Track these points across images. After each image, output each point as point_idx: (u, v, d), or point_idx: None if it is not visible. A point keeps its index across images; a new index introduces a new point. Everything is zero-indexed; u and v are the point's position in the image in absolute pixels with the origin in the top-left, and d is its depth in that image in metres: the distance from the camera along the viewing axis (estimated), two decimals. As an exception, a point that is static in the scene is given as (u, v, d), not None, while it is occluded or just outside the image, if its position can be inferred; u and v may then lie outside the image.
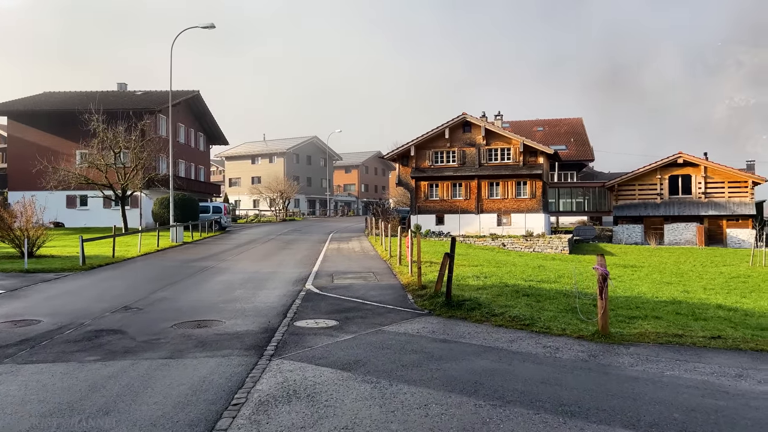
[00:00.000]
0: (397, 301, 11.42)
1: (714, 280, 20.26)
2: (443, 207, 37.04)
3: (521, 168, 35.72)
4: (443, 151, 37.36)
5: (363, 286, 13.58)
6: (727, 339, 8.13)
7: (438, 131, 37.01)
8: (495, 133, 36.44)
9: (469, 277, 14.20)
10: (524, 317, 9.43)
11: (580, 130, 58.25)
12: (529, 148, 35.77)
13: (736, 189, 36.45)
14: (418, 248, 13.23)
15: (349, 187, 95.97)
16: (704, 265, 25.95)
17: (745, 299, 14.81)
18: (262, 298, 12.15)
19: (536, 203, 35.67)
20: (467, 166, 36.84)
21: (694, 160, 37.28)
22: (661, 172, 38.20)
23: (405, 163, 38.36)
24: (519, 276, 15.23)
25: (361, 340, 8.17)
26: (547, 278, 15.29)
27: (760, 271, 23.31)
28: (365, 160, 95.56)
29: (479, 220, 36.21)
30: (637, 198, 38.87)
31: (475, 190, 36.57)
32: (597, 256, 8.55)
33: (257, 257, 21.73)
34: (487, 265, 18.01)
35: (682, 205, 37.44)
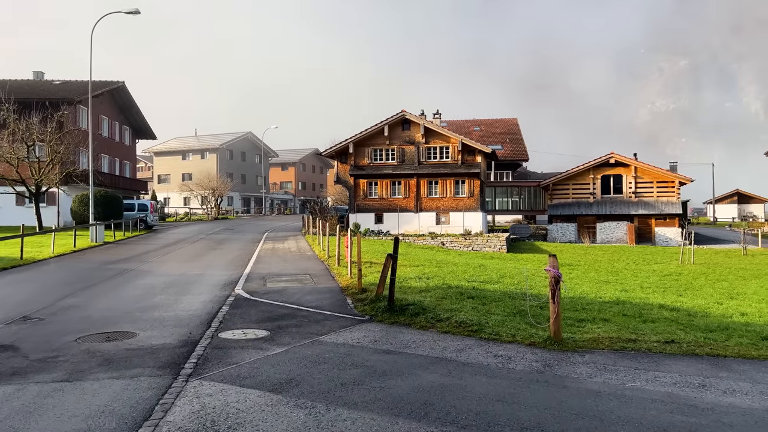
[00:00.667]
0: (335, 307, 10.57)
1: (648, 278, 20.55)
2: (382, 205, 36.42)
3: (460, 167, 35.58)
4: (382, 148, 36.72)
5: (298, 289, 12.63)
6: (681, 344, 7.77)
7: (377, 128, 36.33)
8: (434, 131, 36.14)
9: (412, 279, 13.53)
10: (471, 322, 8.80)
11: (515, 131, 59.17)
12: (467, 147, 35.68)
13: (664, 189, 37.74)
14: (358, 248, 12.42)
15: (286, 185, 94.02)
16: (637, 263, 26.50)
17: (683, 298, 14.89)
18: (185, 305, 11.00)
19: (474, 202, 35.64)
20: (406, 164, 36.36)
21: (625, 160, 38.35)
22: (594, 172, 39.09)
23: (343, 160, 37.48)
24: (462, 276, 14.70)
25: (295, 354, 7.27)
26: (490, 278, 14.85)
27: (689, 268, 23.95)
28: (303, 158, 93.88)
29: (418, 218, 35.81)
30: (571, 197, 39.62)
31: (414, 188, 36.14)
32: (549, 257, 8.01)
33: (184, 258, 20.30)
34: (429, 265, 17.44)
35: (613, 204, 38.44)
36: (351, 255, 14.31)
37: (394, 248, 9.79)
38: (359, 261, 12.31)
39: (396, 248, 9.77)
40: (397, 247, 9.78)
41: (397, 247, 9.78)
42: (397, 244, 9.80)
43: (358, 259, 12.31)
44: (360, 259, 12.37)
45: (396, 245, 9.80)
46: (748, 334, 8.75)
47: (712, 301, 14.13)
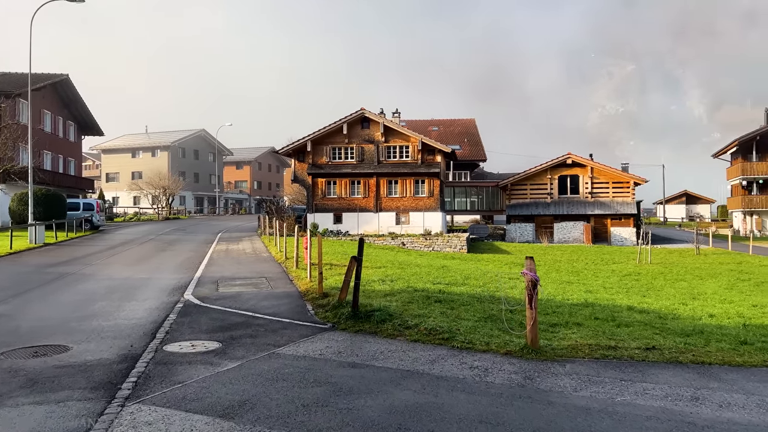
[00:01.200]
0: (294, 313, 9.81)
1: (609, 278, 20.51)
2: (341, 205, 35.65)
3: (420, 166, 35.16)
4: (341, 147, 35.96)
5: (254, 294, 11.79)
6: (662, 350, 7.38)
7: (335, 126, 35.55)
8: (394, 130, 35.61)
9: (375, 281, 12.88)
10: (442, 329, 8.21)
11: (473, 131, 59.30)
12: (427, 146, 35.30)
13: (619, 189, 38.30)
14: (319, 249, 11.68)
15: (241, 184, 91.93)
16: (596, 263, 26.60)
17: (647, 299, 14.75)
18: (129, 312, 10.03)
19: (434, 202, 35.28)
20: (366, 163, 35.70)
21: (582, 161, 38.74)
22: (551, 173, 39.34)
23: (301, 158, 36.53)
24: (426, 278, 14.15)
25: (250, 370, 6.51)
26: (455, 280, 14.35)
27: (647, 268, 24.14)
28: (258, 156, 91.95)
29: (378, 218, 35.20)
30: (528, 197, 39.78)
31: (374, 188, 35.52)
32: (525, 259, 7.51)
33: (131, 261, 19.08)
34: (391, 266, 16.83)
35: (570, 204, 38.78)
36: (310, 257, 13.56)
37: (358, 250, 9.12)
38: (320, 263, 11.57)
39: (361, 250, 9.10)
40: (361, 248, 9.11)
41: (361, 249, 9.11)
42: (361, 246, 9.12)
43: (319, 261, 11.58)
44: (321, 261, 11.64)
45: (361, 247, 9.13)
46: (725, 338, 8.47)
47: (676, 302, 14.01)
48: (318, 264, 11.50)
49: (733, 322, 10.77)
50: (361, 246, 9.09)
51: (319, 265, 11.38)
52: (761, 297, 15.81)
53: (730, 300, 14.74)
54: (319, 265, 11.38)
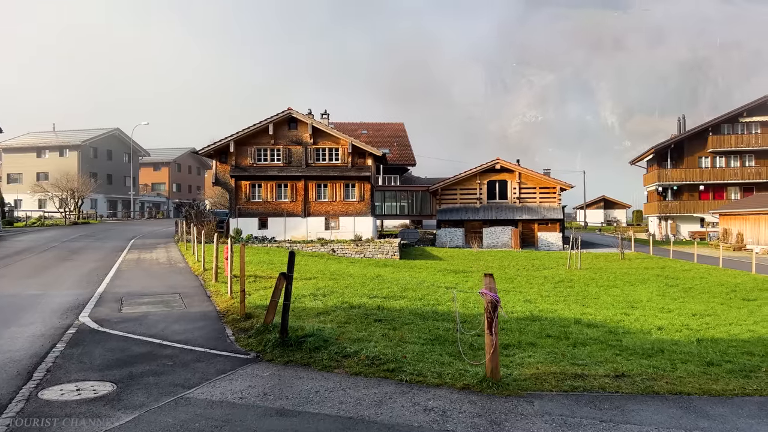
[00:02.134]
0: (211, 340, 8.36)
1: (543, 285, 20.17)
2: (267, 209, 33.88)
3: (350, 169, 34.01)
4: (267, 148, 34.21)
5: (164, 316, 10.18)
6: (632, 377, 6.59)
7: (261, 126, 33.78)
8: (323, 131, 34.28)
9: (306, 297, 11.58)
10: (386, 357, 7.08)
11: (402, 135, 58.88)
12: (357, 149, 34.21)
13: (546, 194, 38.75)
14: (241, 260, 10.25)
15: (159, 187, 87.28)
16: (527, 269, 26.42)
17: (588, 309, 14.30)
18: (4, 342, 8.24)
19: (365, 207, 34.24)
20: (293, 165, 34.14)
21: (510, 166, 38.93)
22: (481, 177, 39.30)
23: (223, 160, 34.45)
24: (361, 291, 12.99)
25: (149, 425, 5.10)
26: (393, 293, 13.28)
27: (578, 274, 24.12)
28: (178, 157, 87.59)
29: (306, 223, 33.72)
30: (458, 202, 39.54)
31: (302, 191, 34.02)
32: (484, 277, 6.50)
33: (24, 273, 16.74)
34: (323, 277, 15.56)
35: (499, 209, 38.85)
36: (231, 268, 12.08)
37: (288, 264, 7.82)
38: (242, 278, 10.14)
39: (291, 265, 7.80)
40: (292, 263, 7.82)
41: (292, 264, 7.81)
42: (292, 261, 7.82)
43: (241, 275, 10.15)
44: (243, 275, 10.22)
45: (291, 262, 7.82)
46: (690, 359, 7.84)
47: (618, 312, 13.62)
48: (240, 278, 10.08)
49: (683, 336, 10.33)
50: (291, 261, 7.79)
51: (242, 281, 9.96)
52: (694, 304, 15.80)
53: (668, 308, 14.54)
54: (241, 281, 9.96)
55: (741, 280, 21.88)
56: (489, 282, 6.45)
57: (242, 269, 10.06)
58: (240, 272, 10.10)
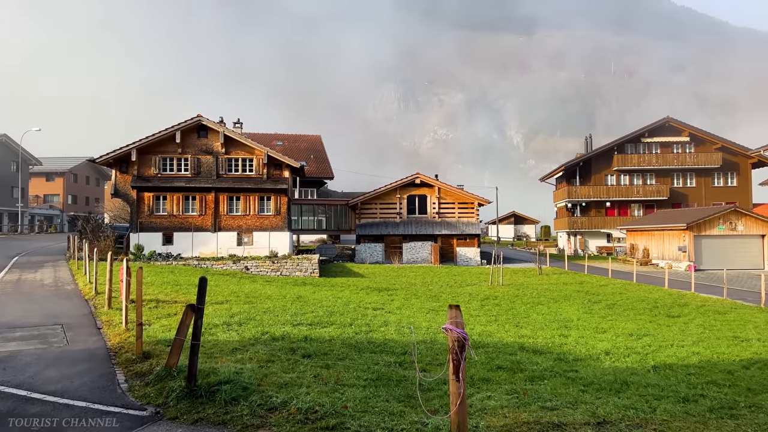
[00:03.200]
0: (97, 390, 6.59)
1: (470, 303, 19.46)
2: (173, 224, 31.25)
3: (265, 181, 32.15)
4: (174, 157, 31.66)
5: (38, 356, 8.18)
6: (617, 425, 5.63)
7: (168, 133, 31.22)
8: (236, 140, 32.22)
9: (218, 326, 9.93)
10: (323, 409, 5.70)
11: (319, 147, 57.48)
12: (274, 160, 32.44)
13: (464, 209, 38.65)
14: (139, 283, 8.43)
15: (52, 199, 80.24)
16: (450, 285, 25.76)
17: (523, 330, 13.57)
18: None
19: (281, 221, 32.45)
20: (203, 176, 31.79)
21: (430, 181, 38.54)
22: (401, 192, 38.62)
23: (124, 169, 31.50)
24: (283, 318, 11.47)
25: None
26: (319, 318, 11.86)
27: (501, 291, 23.69)
28: (74, 167, 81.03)
29: (217, 239, 31.41)
30: (378, 216, 38.61)
31: (212, 204, 31.71)
32: (449, 309, 5.31)
33: None
34: (237, 301, 13.84)
35: (419, 224, 38.29)
36: (128, 293, 10.18)
37: (199, 294, 6.25)
38: (139, 305, 8.32)
39: (202, 295, 6.24)
40: (203, 292, 6.26)
41: (203, 293, 6.25)
42: (203, 290, 6.26)
43: (138, 301, 8.34)
44: (140, 300, 8.39)
45: (202, 290, 6.26)
46: (661, 393, 7.06)
47: (555, 333, 12.95)
48: (137, 306, 8.27)
49: (634, 362, 9.68)
50: (202, 290, 6.23)
51: (138, 311, 8.17)
52: (624, 322, 15.55)
53: (601, 328, 14.10)
54: (138, 311, 8.18)
55: (657, 296, 22.28)
56: (455, 315, 5.26)
57: (139, 296, 8.29)
58: (137, 299, 8.33)
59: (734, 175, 50.10)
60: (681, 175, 50.66)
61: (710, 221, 34.60)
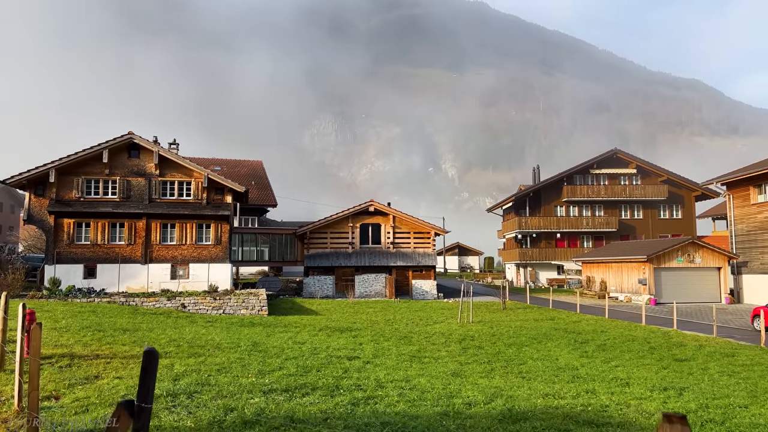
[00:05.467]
0: None
1: (449, 346, 16.99)
2: (96, 254, 27.34)
3: (205, 207, 28.86)
4: (100, 179, 27.94)
5: None
6: None
7: (93, 152, 27.54)
8: (172, 161, 28.89)
9: (160, 399, 6.98)
10: None
11: (260, 173, 54.29)
12: (214, 183, 29.30)
13: (420, 239, 36.52)
14: (33, 340, 5.44)
15: (-42, 226, 72.30)
16: (415, 322, 23.29)
17: (532, 382, 11.25)
18: None
19: (222, 251, 29.14)
20: (133, 201, 28.15)
21: (384, 209, 36.25)
22: (353, 220, 36.09)
23: (40, 192, 27.46)
24: (246, 380, 8.59)
25: None
26: (293, 379, 9.05)
27: (474, 329, 21.41)
28: (-16, 192, 73.61)
29: (148, 271, 27.69)
30: (329, 247, 35.83)
31: (143, 232, 28.05)
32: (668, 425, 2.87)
33: None
34: (179, 353, 10.79)
35: (372, 255, 35.76)
36: (22, 351, 7.07)
37: (142, 381, 3.48)
38: (34, 377, 5.35)
39: (149, 382, 3.48)
40: (150, 377, 3.49)
41: (150, 380, 3.49)
42: (151, 371, 3.50)
43: (32, 372, 5.37)
44: (36, 371, 5.42)
45: (149, 372, 3.50)
46: None
47: (578, 390, 10.68)
48: (30, 378, 5.28)
49: (718, 432, 7.47)
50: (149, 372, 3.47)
51: (32, 386, 5.18)
52: (635, 369, 13.53)
53: (621, 379, 11.98)
54: (31, 386, 5.19)
55: (642, 334, 20.62)
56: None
57: (34, 369, 5.30)
58: (30, 371, 5.33)
59: (679, 208, 50.72)
60: (629, 206, 50.82)
61: (669, 253, 33.97)
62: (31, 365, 5.23)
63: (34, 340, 5.25)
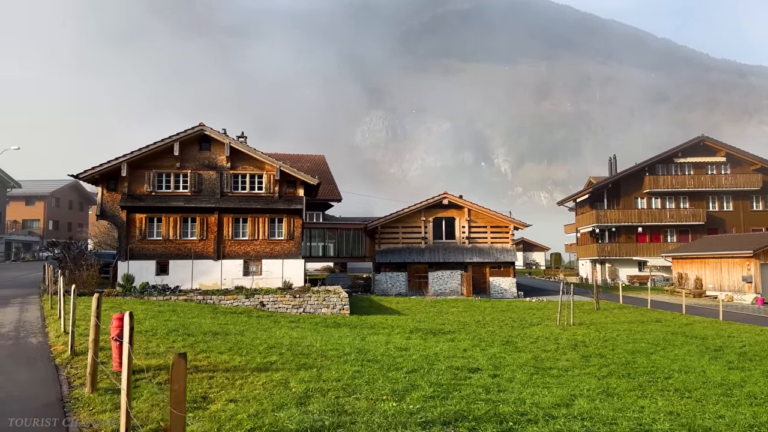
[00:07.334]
0: None
1: (564, 354, 14.90)
2: (168, 250, 26.56)
3: (277, 201, 27.67)
4: (171, 173, 27.14)
5: None
6: None
7: (164, 145, 26.75)
8: (244, 154, 27.80)
9: (281, 421, 5.35)
10: None
11: (323, 168, 53.14)
12: (287, 176, 28.04)
13: (498, 234, 34.36)
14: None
15: (32, 224, 74.67)
16: (508, 324, 21.25)
17: (681, 397, 9.15)
18: None
19: (294, 246, 27.90)
20: (205, 195, 27.23)
21: (459, 201, 34.24)
22: (426, 214, 34.26)
23: (112, 187, 26.89)
24: (389, 406, 6.90)
25: None
26: (444, 406, 7.31)
27: (580, 333, 19.20)
28: (56, 190, 75.72)
29: (221, 268, 26.72)
30: (401, 242, 34.12)
31: (215, 227, 27.09)
32: None
33: None
34: (285, 364, 9.21)
35: (447, 250, 33.84)
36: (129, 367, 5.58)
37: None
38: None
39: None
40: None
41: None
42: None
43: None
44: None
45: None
46: None
47: None
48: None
49: None
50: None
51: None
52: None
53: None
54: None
55: (779, 339, 17.94)
56: None
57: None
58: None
59: (775, 199, 46.46)
60: (717, 198, 46.90)
61: (778, 248, 30.61)
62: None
63: (178, 380, 3.63)
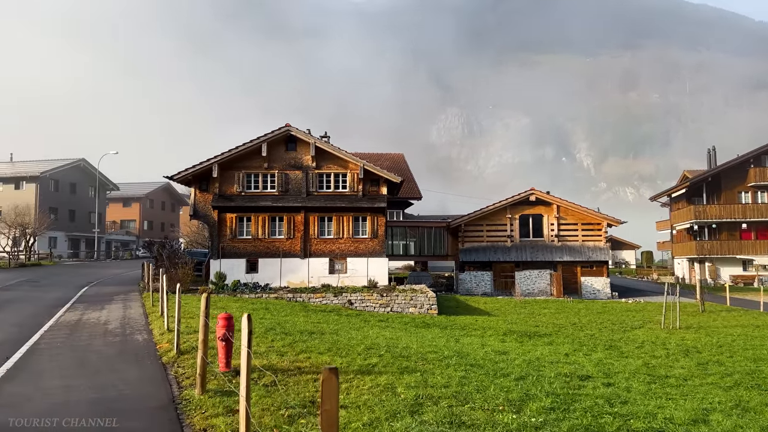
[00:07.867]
0: None
1: (676, 360, 13.71)
2: (258, 248, 27.12)
3: (361, 199, 27.61)
4: (260, 173, 27.70)
5: None
6: None
7: (253, 146, 27.33)
8: (328, 153, 27.94)
9: None
10: None
11: (403, 166, 52.88)
12: (370, 174, 27.93)
13: (590, 232, 32.79)
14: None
15: (129, 224, 79.47)
16: (607, 327, 20.03)
17: None
18: None
19: (378, 245, 27.75)
20: (291, 194, 27.60)
21: (547, 197, 32.95)
22: (512, 211, 33.19)
23: (204, 188, 27.78)
24: (509, 418, 6.37)
25: None
26: (561, 414, 6.71)
27: (688, 338, 17.76)
28: (150, 192, 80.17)
29: (307, 266, 26.99)
30: (485, 240, 33.25)
31: (302, 226, 27.40)
32: None
33: None
34: (387, 367, 8.84)
35: (534, 249, 32.63)
36: (249, 373, 5.37)
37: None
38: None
39: None
40: None
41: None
42: None
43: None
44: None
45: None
46: None
47: None
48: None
49: None
50: None
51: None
52: None
53: None
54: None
55: None
56: None
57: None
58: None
59: None
60: (835, 190, 42.68)
61: None
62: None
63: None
